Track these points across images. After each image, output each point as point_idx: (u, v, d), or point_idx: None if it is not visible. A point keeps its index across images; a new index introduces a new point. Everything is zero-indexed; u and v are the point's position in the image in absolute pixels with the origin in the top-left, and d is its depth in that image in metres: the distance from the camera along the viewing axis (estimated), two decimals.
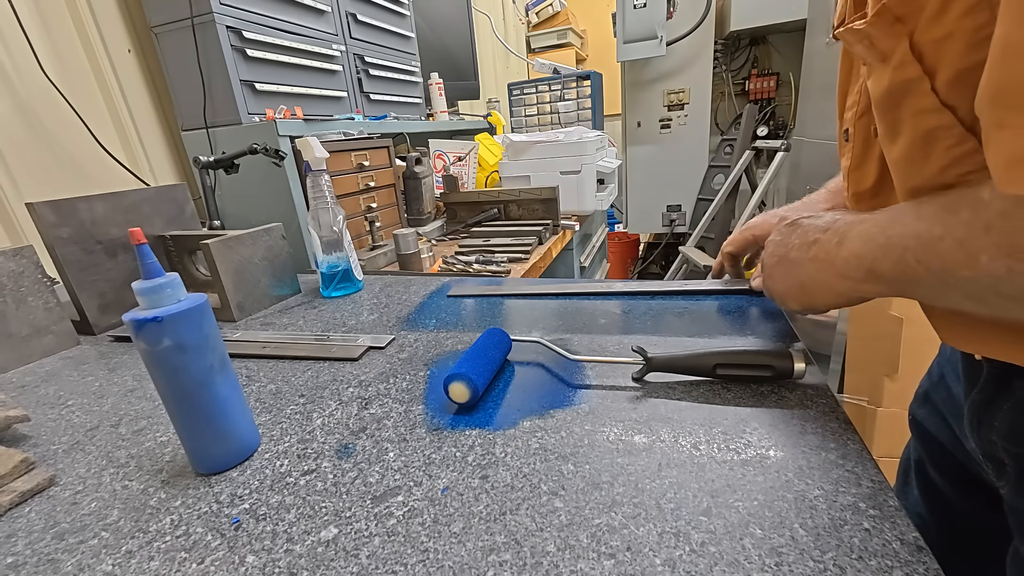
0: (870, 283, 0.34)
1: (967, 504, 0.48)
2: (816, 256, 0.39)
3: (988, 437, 0.37)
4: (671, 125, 2.51)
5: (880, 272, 0.33)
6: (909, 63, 0.28)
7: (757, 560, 0.26)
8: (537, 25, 3.27)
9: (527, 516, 0.31)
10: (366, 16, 1.37)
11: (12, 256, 0.60)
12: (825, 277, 0.38)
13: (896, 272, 0.31)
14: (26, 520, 0.35)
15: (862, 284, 0.35)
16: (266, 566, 0.29)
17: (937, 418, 0.49)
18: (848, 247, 0.35)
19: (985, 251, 0.25)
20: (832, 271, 0.37)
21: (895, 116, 0.31)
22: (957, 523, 0.49)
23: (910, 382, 1.05)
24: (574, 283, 0.62)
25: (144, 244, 0.33)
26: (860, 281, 0.35)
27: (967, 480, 0.46)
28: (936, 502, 0.51)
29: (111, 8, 1.00)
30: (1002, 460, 0.36)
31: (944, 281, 0.28)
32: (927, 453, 0.52)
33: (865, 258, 0.34)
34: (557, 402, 0.43)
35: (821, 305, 0.41)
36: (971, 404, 0.38)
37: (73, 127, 0.92)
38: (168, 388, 0.35)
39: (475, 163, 1.65)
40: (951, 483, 0.49)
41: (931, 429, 0.50)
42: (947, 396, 0.47)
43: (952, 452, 0.47)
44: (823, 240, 0.39)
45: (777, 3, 2.18)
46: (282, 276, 0.77)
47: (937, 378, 0.49)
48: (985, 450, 0.38)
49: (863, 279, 0.35)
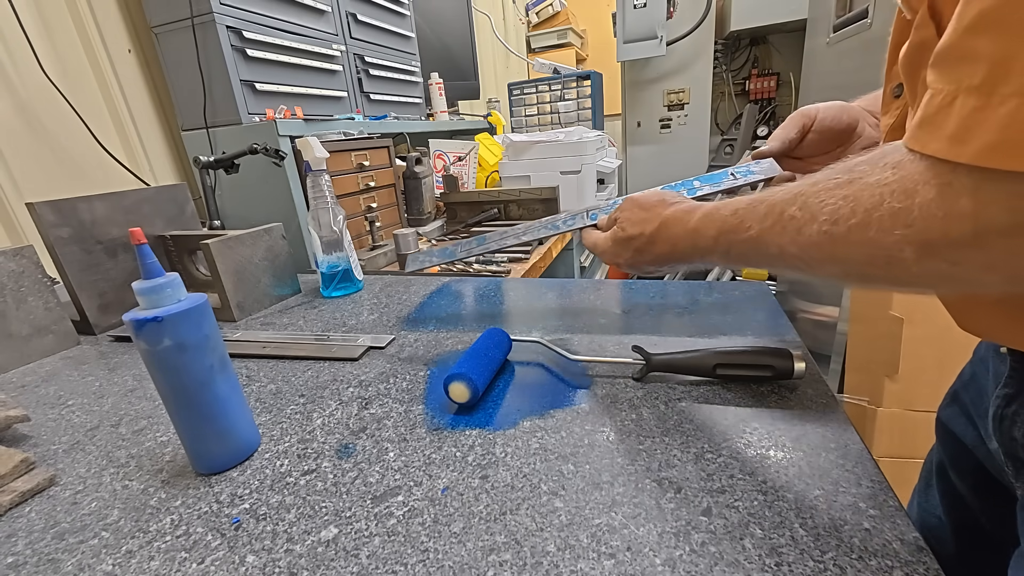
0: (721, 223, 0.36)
1: (985, 508, 0.47)
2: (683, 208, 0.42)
3: (1011, 434, 0.36)
4: (671, 125, 2.51)
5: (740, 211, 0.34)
6: (926, 23, 0.27)
7: (757, 560, 0.26)
8: (537, 25, 3.27)
9: (527, 516, 0.31)
10: (366, 16, 1.37)
11: (12, 256, 0.60)
12: (685, 217, 0.41)
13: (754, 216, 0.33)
14: (26, 520, 0.35)
15: (712, 225, 0.37)
16: (266, 566, 0.29)
17: (963, 419, 0.47)
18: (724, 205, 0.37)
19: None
20: (693, 215, 0.40)
21: (913, 80, 0.30)
22: (975, 527, 0.48)
23: (910, 382, 1.05)
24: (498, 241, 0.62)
25: (144, 244, 0.33)
26: (716, 222, 0.37)
27: (987, 484, 0.45)
28: (955, 505, 0.50)
29: (111, 8, 1.00)
30: (1022, 459, 0.35)
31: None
32: (949, 456, 0.50)
33: (738, 204, 0.35)
34: (557, 402, 0.43)
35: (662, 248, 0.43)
36: (995, 400, 0.37)
37: (73, 127, 0.92)
38: (168, 388, 0.35)
39: (475, 163, 1.65)
40: (971, 487, 0.48)
41: (956, 431, 0.49)
42: (977, 395, 0.45)
43: (975, 454, 0.46)
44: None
45: (777, 3, 2.18)
46: (282, 276, 0.77)
47: (968, 378, 0.48)
48: (1007, 448, 0.37)
49: (721, 220, 0.36)
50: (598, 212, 0.55)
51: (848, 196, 0.26)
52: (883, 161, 0.25)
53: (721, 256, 0.38)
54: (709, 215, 0.39)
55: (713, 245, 0.38)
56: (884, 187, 0.24)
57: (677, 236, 0.42)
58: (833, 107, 0.49)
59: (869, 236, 0.25)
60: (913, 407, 1.06)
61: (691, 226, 0.40)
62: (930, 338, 1.02)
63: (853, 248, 0.26)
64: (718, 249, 0.37)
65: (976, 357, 0.48)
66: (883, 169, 0.25)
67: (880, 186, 0.24)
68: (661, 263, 0.45)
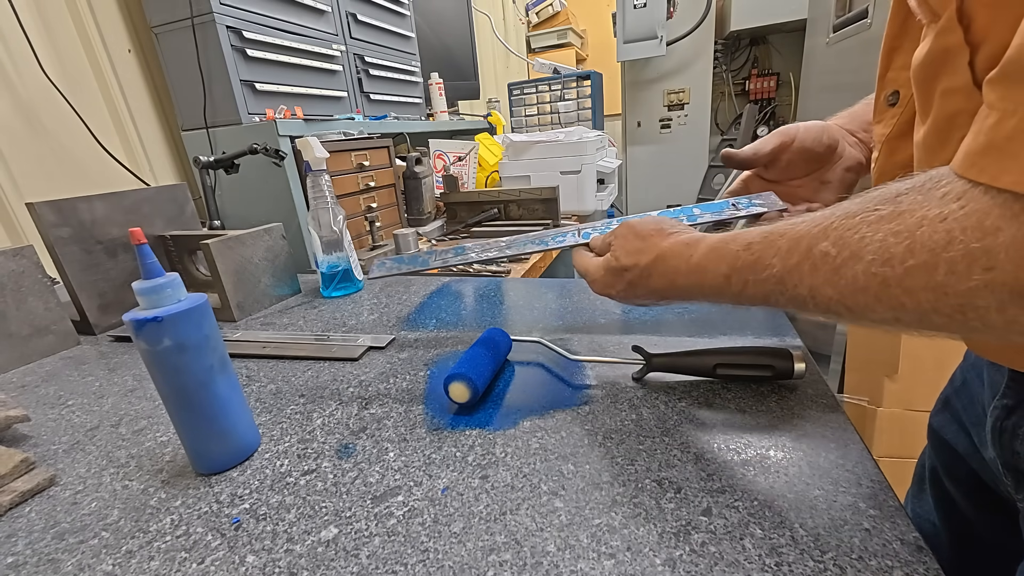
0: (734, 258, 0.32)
1: (980, 516, 0.46)
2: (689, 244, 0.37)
3: (1012, 447, 0.35)
4: (671, 125, 2.51)
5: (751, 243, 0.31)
6: (952, 28, 0.24)
7: (757, 560, 0.26)
8: (537, 25, 3.27)
9: (527, 516, 0.31)
10: (366, 16, 1.37)
11: (12, 256, 0.60)
12: (686, 251, 0.36)
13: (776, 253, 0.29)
14: (26, 520, 0.35)
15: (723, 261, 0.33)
16: (266, 566, 0.29)
17: (955, 426, 0.47)
18: (736, 238, 0.33)
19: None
20: (696, 248, 0.35)
21: (928, 90, 0.27)
22: (969, 534, 0.48)
23: (910, 382, 1.05)
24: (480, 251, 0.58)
25: (144, 244, 0.33)
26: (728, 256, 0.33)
27: (981, 492, 0.45)
28: (950, 512, 0.50)
29: (111, 8, 1.00)
30: (1023, 471, 0.35)
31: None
32: (942, 462, 0.50)
33: (753, 235, 0.31)
34: (557, 402, 0.43)
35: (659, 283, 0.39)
36: (994, 411, 0.37)
37: (73, 127, 0.92)
38: (168, 388, 0.35)
39: (475, 163, 1.65)
40: (965, 494, 0.47)
41: (948, 437, 0.48)
42: (969, 402, 0.45)
43: (968, 462, 0.45)
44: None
45: (777, 3, 2.18)
46: (282, 276, 0.77)
47: (959, 384, 0.47)
48: (1007, 461, 0.36)
49: (736, 251, 0.32)
50: (591, 231, 0.51)
51: (900, 232, 0.22)
52: (939, 191, 0.22)
53: (733, 297, 0.33)
54: (716, 250, 0.34)
55: (724, 284, 0.33)
56: (953, 222, 0.20)
57: (677, 271, 0.37)
58: (813, 128, 0.47)
59: (937, 280, 0.21)
60: (913, 407, 1.07)
61: (695, 262, 0.36)
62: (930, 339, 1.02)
63: (914, 294, 0.22)
64: (730, 289, 0.33)
65: (967, 363, 0.47)
66: (944, 201, 0.21)
67: (946, 220, 0.21)
68: (658, 299, 0.41)
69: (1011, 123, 0.19)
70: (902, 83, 0.34)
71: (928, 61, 0.27)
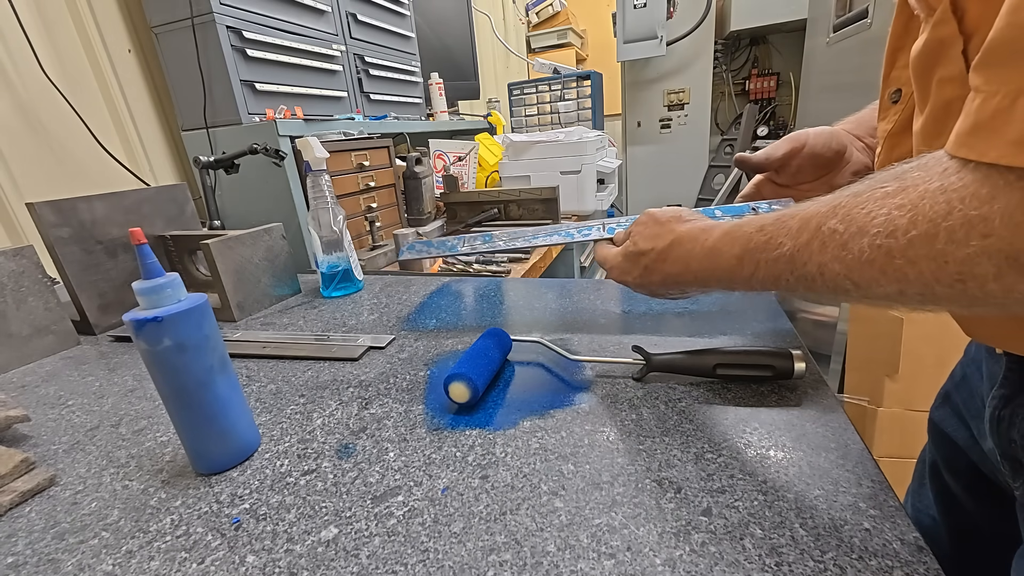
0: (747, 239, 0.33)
1: (980, 508, 0.47)
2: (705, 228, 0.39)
3: (1008, 436, 0.36)
4: (671, 125, 2.51)
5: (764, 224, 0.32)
6: (947, 20, 0.25)
7: (757, 560, 0.26)
8: (537, 25, 3.27)
9: (527, 516, 0.31)
10: (366, 16, 1.37)
11: (12, 256, 0.60)
12: (702, 235, 0.38)
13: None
14: (26, 520, 0.35)
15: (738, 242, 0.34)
16: (266, 566, 0.29)
17: (955, 419, 0.48)
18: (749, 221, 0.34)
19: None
20: (711, 233, 0.37)
21: (926, 80, 0.28)
22: (969, 527, 0.48)
23: (910, 382, 1.05)
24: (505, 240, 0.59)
25: (144, 244, 0.33)
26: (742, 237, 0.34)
27: (981, 484, 0.45)
28: (949, 505, 0.50)
29: (111, 8, 1.00)
30: (1020, 460, 0.35)
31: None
32: (942, 456, 0.51)
33: (764, 219, 0.33)
34: (557, 402, 0.43)
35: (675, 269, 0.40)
36: (992, 401, 0.37)
37: (73, 127, 0.92)
38: (168, 388, 0.35)
39: (475, 163, 1.65)
40: (964, 487, 0.48)
41: (948, 431, 0.49)
42: (968, 396, 0.45)
43: (967, 454, 0.46)
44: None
45: (777, 3, 2.19)
46: (282, 276, 0.77)
47: (959, 379, 0.48)
48: (1004, 449, 0.37)
49: (749, 232, 0.33)
50: (616, 226, 0.52)
51: (904, 205, 0.23)
52: (941, 167, 0.23)
53: (745, 281, 0.34)
54: (730, 233, 0.35)
55: (737, 266, 0.34)
56: (952, 193, 0.21)
57: (691, 255, 0.38)
58: (823, 134, 0.48)
59: (937, 249, 0.22)
60: (913, 407, 1.07)
61: (709, 245, 0.37)
62: (930, 337, 1.02)
63: (916, 264, 0.23)
64: (743, 271, 0.34)
65: (967, 357, 0.48)
66: (944, 175, 0.22)
67: (946, 192, 0.22)
68: (672, 284, 0.42)
69: (993, 102, 0.20)
70: (904, 81, 0.35)
71: (925, 52, 0.28)
